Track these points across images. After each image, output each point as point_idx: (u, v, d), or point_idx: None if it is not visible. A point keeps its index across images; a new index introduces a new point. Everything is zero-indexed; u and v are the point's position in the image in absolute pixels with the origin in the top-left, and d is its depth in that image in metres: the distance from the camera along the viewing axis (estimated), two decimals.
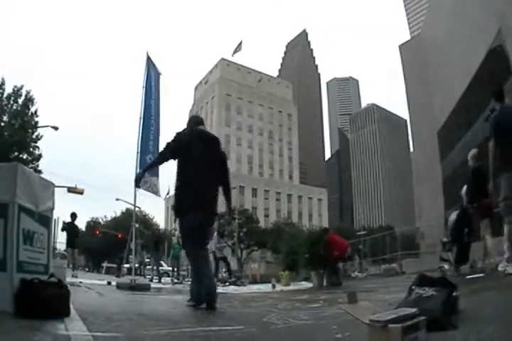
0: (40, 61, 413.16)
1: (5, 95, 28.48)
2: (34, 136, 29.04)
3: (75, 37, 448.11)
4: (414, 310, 2.29)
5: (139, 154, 11.80)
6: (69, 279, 9.23)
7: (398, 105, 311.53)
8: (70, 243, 15.24)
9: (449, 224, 8.76)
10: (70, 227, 15.12)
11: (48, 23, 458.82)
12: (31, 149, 28.92)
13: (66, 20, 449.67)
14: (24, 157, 28.09)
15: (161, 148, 5.56)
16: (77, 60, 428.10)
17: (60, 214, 15.40)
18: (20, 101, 28.90)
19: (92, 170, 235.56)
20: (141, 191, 11.80)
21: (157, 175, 12.23)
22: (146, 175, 11.73)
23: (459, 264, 8.34)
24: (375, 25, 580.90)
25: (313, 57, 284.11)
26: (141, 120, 12.09)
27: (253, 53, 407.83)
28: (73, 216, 15.22)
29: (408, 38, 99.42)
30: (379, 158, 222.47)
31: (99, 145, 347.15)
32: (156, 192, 12.02)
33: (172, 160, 5.18)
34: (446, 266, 9.13)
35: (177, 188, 5.12)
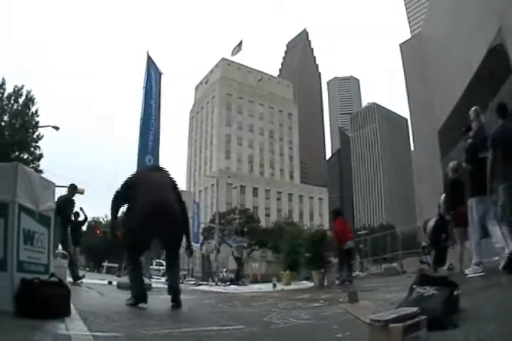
0: (41, 61, 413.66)
1: (5, 95, 28.48)
2: (35, 136, 29.02)
3: (75, 37, 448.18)
4: (415, 309, 2.28)
5: (139, 154, 11.84)
6: (69, 279, 9.24)
7: (399, 104, 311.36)
8: (72, 240, 14.83)
9: (428, 230, 9.63)
10: (73, 224, 14.67)
11: (48, 23, 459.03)
12: (32, 149, 28.91)
13: (66, 20, 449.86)
14: (25, 157, 28.07)
15: (161, 149, 5.57)
16: (77, 60, 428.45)
17: None
18: (20, 101, 28.88)
19: (93, 169, 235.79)
20: None
21: None
22: None
23: (437, 266, 9.09)
24: (375, 24, 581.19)
25: (314, 57, 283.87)
26: (142, 120, 12.11)
27: (253, 53, 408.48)
28: (76, 214, 15.05)
29: (408, 36, 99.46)
30: (379, 157, 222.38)
31: (100, 145, 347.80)
32: None
33: (125, 197, 5.11)
34: (425, 268, 9.86)
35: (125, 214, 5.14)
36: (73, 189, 10.89)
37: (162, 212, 4.81)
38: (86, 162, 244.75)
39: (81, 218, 14.94)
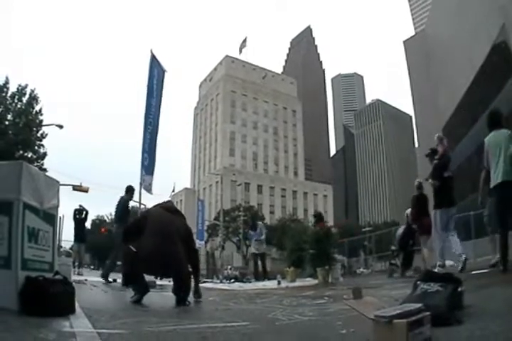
0: (42, 61, 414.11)
1: (9, 94, 28.51)
2: (39, 135, 29.05)
3: (75, 37, 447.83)
4: (419, 305, 2.28)
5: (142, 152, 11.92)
6: (74, 277, 9.27)
7: (403, 101, 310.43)
8: (76, 237, 14.52)
9: (397, 237, 10.97)
10: (77, 221, 14.45)
11: (49, 23, 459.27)
12: (36, 147, 28.94)
13: (68, 19, 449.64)
14: (29, 155, 28.08)
15: (165, 147, 5.49)
16: (80, 60, 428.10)
17: (65, 212, 15.14)
18: (24, 99, 28.90)
19: (97, 168, 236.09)
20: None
21: (152, 174, 12.29)
22: (143, 173, 11.84)
23: (405, 268, 10.43)
24: (379, 21, 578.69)
25: (318, 54, 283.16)
26: (144, 119, 12.15)
27: (258, 50, 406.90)
28: (79, 212, 15.00)
29: (412, 33, 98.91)
30: (384, 154, 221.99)
31: (104, 143, 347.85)
32: (148, 190, 12.14)
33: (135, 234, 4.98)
34: (394, 269, 11.64)
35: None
36: (132, 191, 10.54)
37: (160, 263, 4.79)
38: (90, 160, 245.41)
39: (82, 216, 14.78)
